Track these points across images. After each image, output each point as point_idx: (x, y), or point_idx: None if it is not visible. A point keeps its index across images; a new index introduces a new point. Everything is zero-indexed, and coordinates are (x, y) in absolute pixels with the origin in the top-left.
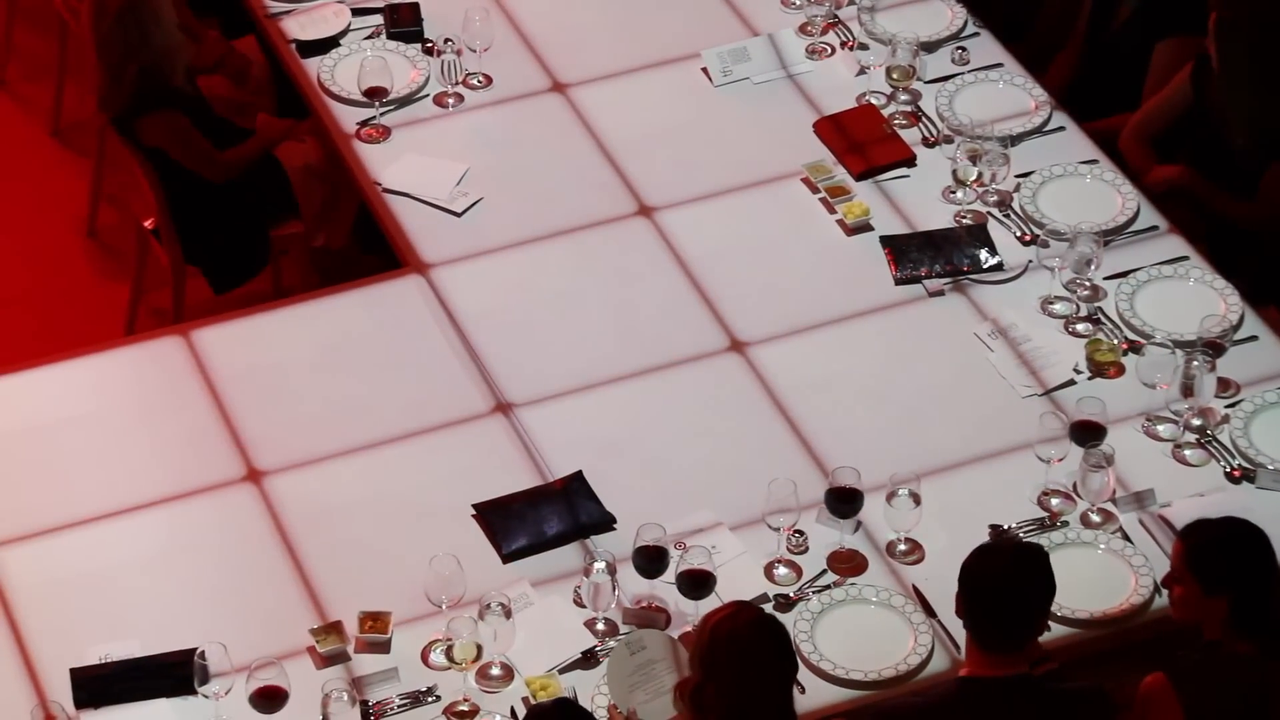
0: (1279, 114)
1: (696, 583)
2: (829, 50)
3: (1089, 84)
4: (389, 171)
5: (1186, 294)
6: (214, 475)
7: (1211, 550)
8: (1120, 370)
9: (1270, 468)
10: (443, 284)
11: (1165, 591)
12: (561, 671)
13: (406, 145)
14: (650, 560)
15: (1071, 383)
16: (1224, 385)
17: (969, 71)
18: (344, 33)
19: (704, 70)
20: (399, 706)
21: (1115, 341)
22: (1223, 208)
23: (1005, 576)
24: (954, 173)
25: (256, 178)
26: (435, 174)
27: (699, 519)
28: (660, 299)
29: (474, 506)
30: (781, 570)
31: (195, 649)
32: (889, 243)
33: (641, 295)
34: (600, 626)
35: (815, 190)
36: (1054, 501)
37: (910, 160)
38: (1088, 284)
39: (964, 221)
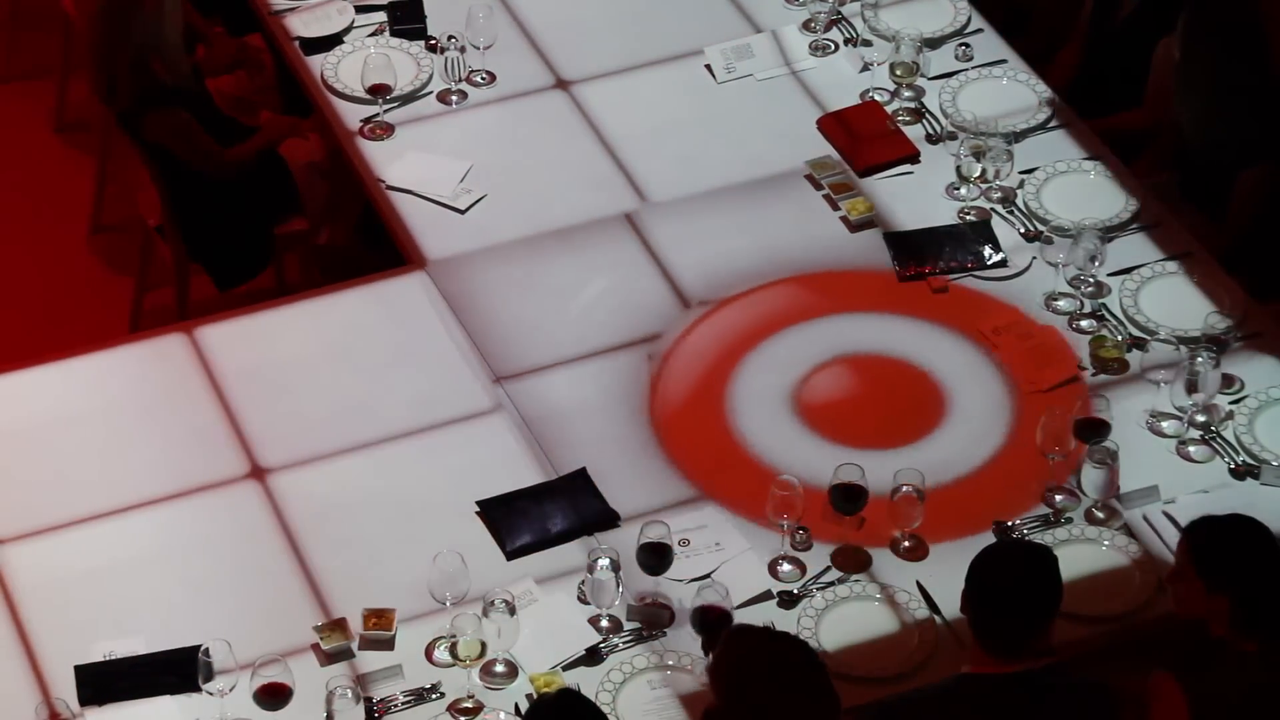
0: (1229, 121)
1: (659, 553)
2: (832, 47)
3: (1092, 81)
4: (392, 169)
5: (1191, 290)
6: (218, 473)
7: (1215, 548)
8: (1124, 366)
9: (1275, 464)
10: (446, 281)
11: (1169, 587)
12: (565, 668)
13: (410, 142)
14: (654, 557)
15: (1075, 379)
16: (1228, 381)
17: (972, 68)
18: (347, 30)
19: (707, 67)
20: (403, 703)
21: (1119, 338)
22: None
23: (1013, 580)
24: (957, 169)
25: (260, 175)
26: (439, 171)
27: (703, 515)
28: (662, 296)
29: (478, 503)
30: (785, 567)
31: (200, 646)
32: (893, 239)
33: (644, 292)
34: (604, 623)
35: (819, 187)
36: (1058, 498)
37: (914, 157)
38: (1091, 280)
39: (967, 218)
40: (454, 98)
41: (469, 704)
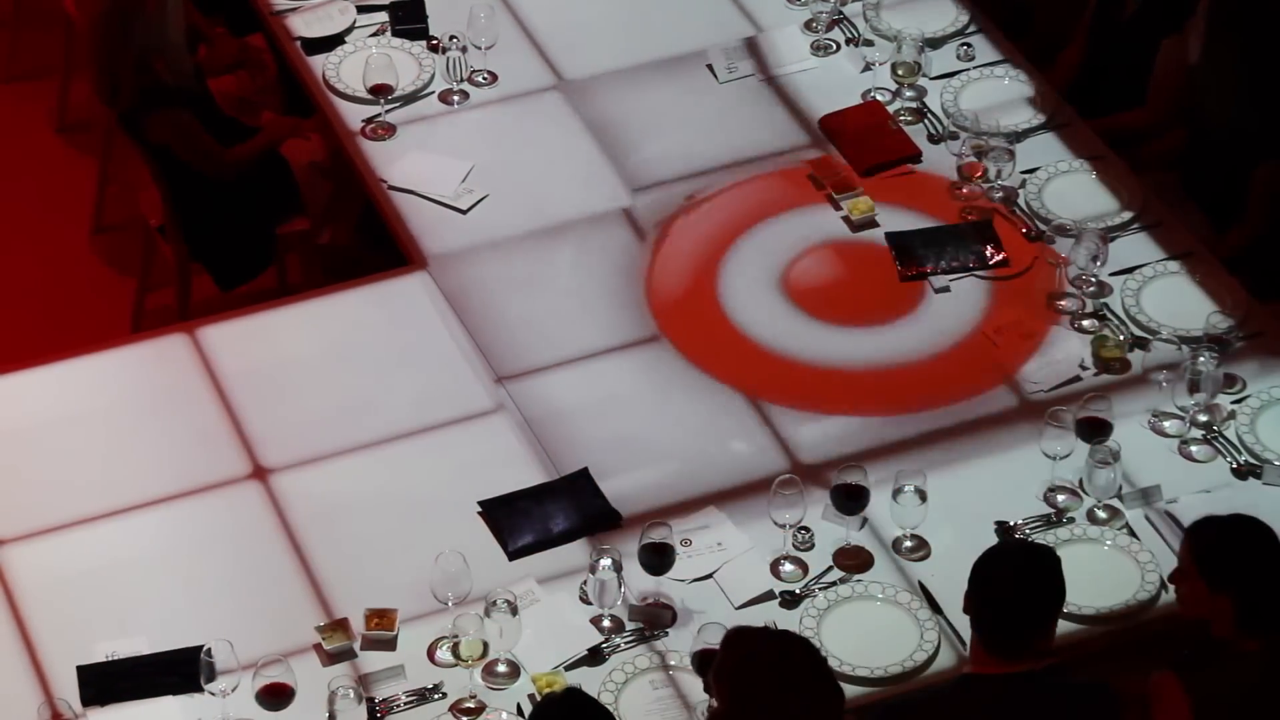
0: (1260, 108)
1: (660, 553)
2: (834, 47)
3: (1094, 80)
4: (394, 169)
5: (1193, 290)
6: (220, 473)
7: (1217, 547)
8: (1126, 366)
9: (1277, 464)
10: (448, 281)
11: (1172, 588)
12: (568, 668)
13: (412, 142)
14: (656, 557)
15: (1078, 379)
16: (1230, 381)
17: (974, 68)
18: (349, 30)
19: (709, 67)
20: (405, 703)
21: (1121, 337)
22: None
23: (1015, 581)
24: (959, 169)
25: (262, 175)
26: (440, 171)
27: (705, 515)
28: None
29: (479, 503)
30: (787, 567)
31: (202, 646)
32: (894, 239)
33: (646, 291)
34: (606, 623)
35: (820, 187)
36: (1060, 498)
37: (915, 156)
38: (1093, 280)
39: (969, 218)
40: (455, 98)
41: (471, 704)
